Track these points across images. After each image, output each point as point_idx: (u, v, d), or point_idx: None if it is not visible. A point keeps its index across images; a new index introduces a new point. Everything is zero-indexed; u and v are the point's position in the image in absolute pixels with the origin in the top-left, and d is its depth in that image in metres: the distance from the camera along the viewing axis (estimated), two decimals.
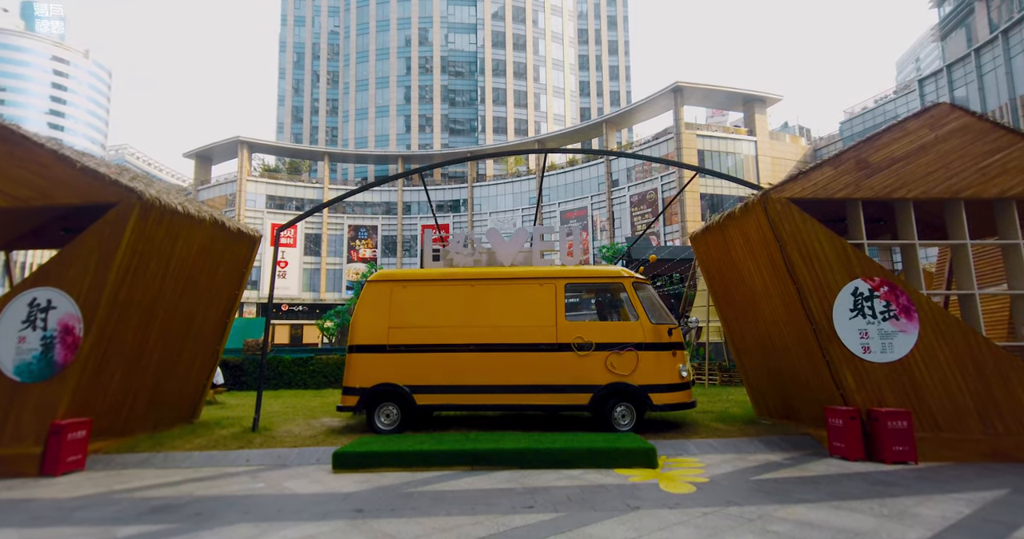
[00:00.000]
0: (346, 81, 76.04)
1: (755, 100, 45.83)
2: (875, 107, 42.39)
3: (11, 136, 6.89)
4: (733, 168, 44.33)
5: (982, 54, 32.00)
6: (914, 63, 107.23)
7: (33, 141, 6.81)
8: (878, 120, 41.48)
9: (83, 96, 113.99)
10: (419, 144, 70.48)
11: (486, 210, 58.35)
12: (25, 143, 6.83)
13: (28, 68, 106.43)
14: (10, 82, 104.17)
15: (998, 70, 30.68)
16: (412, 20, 73.04)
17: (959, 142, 6.90)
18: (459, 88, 72.53)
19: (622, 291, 8.45)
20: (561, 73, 75.91)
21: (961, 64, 33.56)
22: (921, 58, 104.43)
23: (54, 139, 7.60)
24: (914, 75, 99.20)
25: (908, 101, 39.05)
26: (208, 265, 8.30)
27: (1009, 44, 30.08)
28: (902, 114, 39.23)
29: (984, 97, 31.34)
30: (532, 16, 74.68)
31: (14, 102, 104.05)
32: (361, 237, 58.25)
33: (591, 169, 52.48)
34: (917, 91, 36.74)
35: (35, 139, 6.87)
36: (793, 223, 6.93)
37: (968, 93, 32.53)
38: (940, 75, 35.10)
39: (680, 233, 42.93)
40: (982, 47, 32.10)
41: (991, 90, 31.04)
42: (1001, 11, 32.92)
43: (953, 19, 37.99)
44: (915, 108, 36.99)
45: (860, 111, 43.92)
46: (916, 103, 36.93)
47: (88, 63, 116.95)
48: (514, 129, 71.41)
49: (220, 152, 58.17)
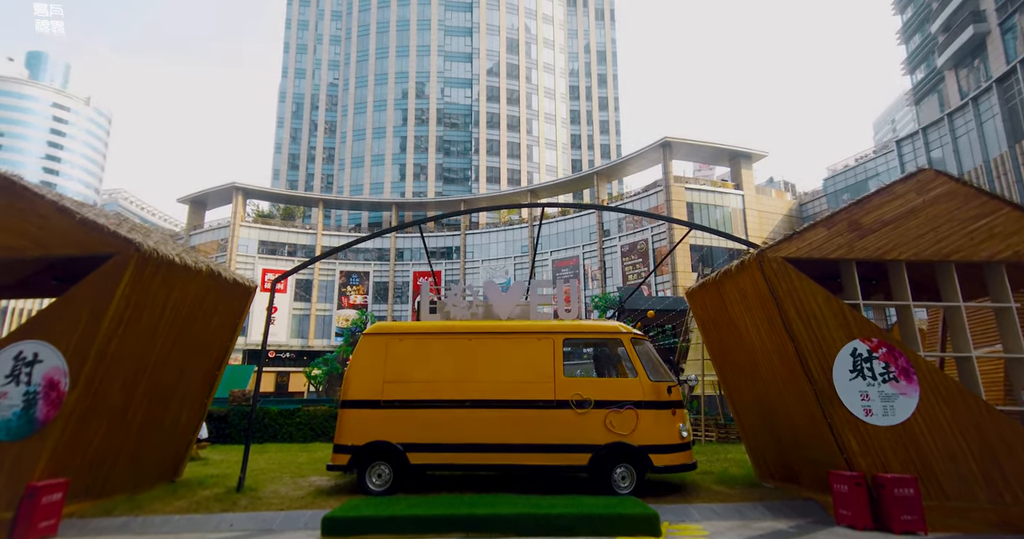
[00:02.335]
0: (343, 130, 77.79)
1: (741, 156, 47.28)
2: (856, 165, 43.85)
3: (11, 187, 6.91)
4: (721, 221, 45.18)
5: (955, 118, 33.49)
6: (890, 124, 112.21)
7: (34, 192, 6.82)
8: (860, 177, 42.82)
9: (80, 141, 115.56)
10: (413, 192, 71.50)
11: (478, 258, 58.63)
12: (25, 194, 6.84)
13: (29, 115, 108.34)
14: (10, 128, 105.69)
15: (971, 134, 32.04)
16: (410, 74, 75.61)
17: (946, 206, 7.11)
18: (454, 139, 74.35)
19: (620, 347, 8.40)
20: (553, 126, 78.26)
21: (936, 127, 35.05)
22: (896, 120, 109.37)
23: (52, 189, 7.63)
24: (891, 136, 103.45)
25: (887, 160, 40.45)
26: (202, 315, 8.19)
27: (979, 110, 31.57)
28: (882, 172, 40.74)
29: (959, 159, 32.57)
30: (526, 73, 77.63)
31: (11, 147, 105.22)
32: (352, 283, 58.06)
33: (583, 219, 53.27)
34: (895, 151, 38.14)
35: (35, 190, 6.88)
36: (789, 282, 7.00)
37: (944, 154, 33.81)
38: (916, 137, 36.56)
39: (671, 284, 43.22)
40: (954, 112, 33.63)
41: (965, 152, 32.31)
42: (969, 79, 34.78)
43: (925, 86, 40.01)
44: (894, 167, 38.55)
45: (842, 168, 45.37)
46: (895, 162, 38.25)
47: (88, 110, 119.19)
48: (507, 178, 72.81)
49: (215, 198, 58.57)
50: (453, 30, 77.17)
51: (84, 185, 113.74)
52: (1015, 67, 29.14)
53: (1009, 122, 29.48)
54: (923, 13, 40.19)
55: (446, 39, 76.89)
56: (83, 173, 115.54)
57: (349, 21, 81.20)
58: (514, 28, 78.19)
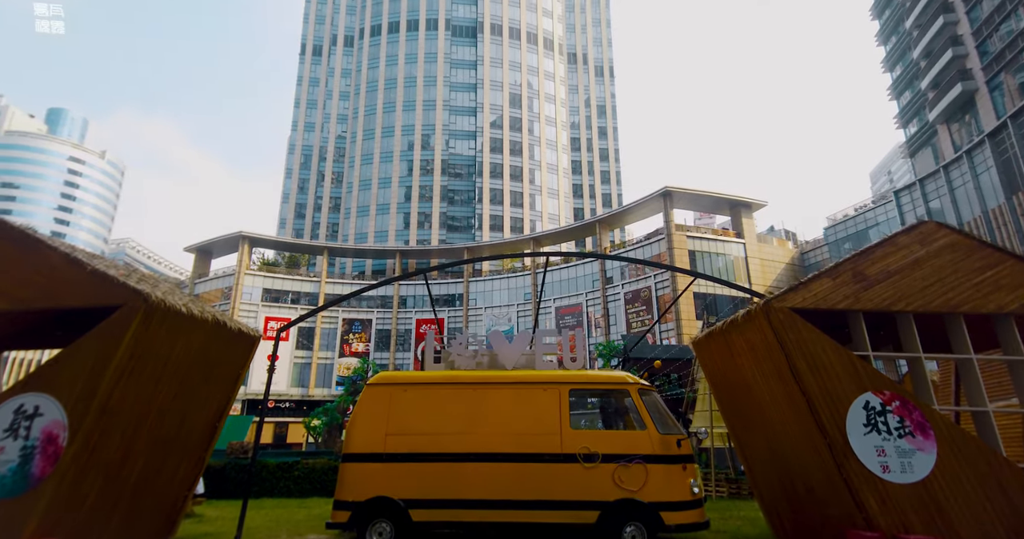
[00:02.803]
0: (350, 180, 79.52)
1: (741, 205, 47.95)
2: (856, 215, 44.39)
3: (25, 239, 7.02)
4: (723, 269, 45.33)
5: (950, 170, 34.15)
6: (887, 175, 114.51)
7: (47, 244, 6.93)
8: (860, 227, 43.26)
9: (92, 193, 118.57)
10: (417, 239, 72.30)
11: (481, 305, 58.56)
12: (38, 246, 6.94)
13: (45, 168, 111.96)
14: (26, 181, 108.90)
15: (967, 185, 32.58)
16: (416, 127, 77.99)
17: (951, 258, 7.14)
18: (458, 188, 75.82)
19: (627, 397, 8.26)
20: (555, 176, 79.92)
21: (932, 179, 35.68)
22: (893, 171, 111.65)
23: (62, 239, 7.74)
24: (888, 186, 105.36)
25: (887, 210, 40.99)
26: (205, 366, 8.12)
27: (974, 163, 32.24)
28: (882, 222, 41.20)
29: (958, 209, 32.97)
30: (528, 126, 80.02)
31: (25, 199, 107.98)
32: (355, 331, 57.78)
33: (585, 266, 53.50)
34: (894, 202, 38.70)
35: (48, 242, 6.98)
36: (797, 333, 6.95)
37: (942, 205, 34.26)
38: (914, 188, 37.18)
39: (675, 332, 42.89)
40: (949, 164, 34.33)
41: (963, 203, 32.75)
42: (962, 133, 35.67)
43: (918, 139, 40.98)
44: (893, 217, 38.97)
45: (842, 218, 45.91)
46: (894, 212, 38.75)
47: (102, 163, 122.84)
48: (510, 227, 73.72)
49: (221, 246, 59.23)
50: (458, 86, 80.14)
51: (93, 235, 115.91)
52: (1006, 122, 29.93)
53: (1004, 174, 30.01)
54: (912, 71, 41.63)
55: (451, 94, 79.74)
56: (92, 223, 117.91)
57: (358, 78, 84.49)
58: (517, 84, 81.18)
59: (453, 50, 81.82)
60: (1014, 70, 30.88)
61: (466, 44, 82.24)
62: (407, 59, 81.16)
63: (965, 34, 34.90)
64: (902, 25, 42.56)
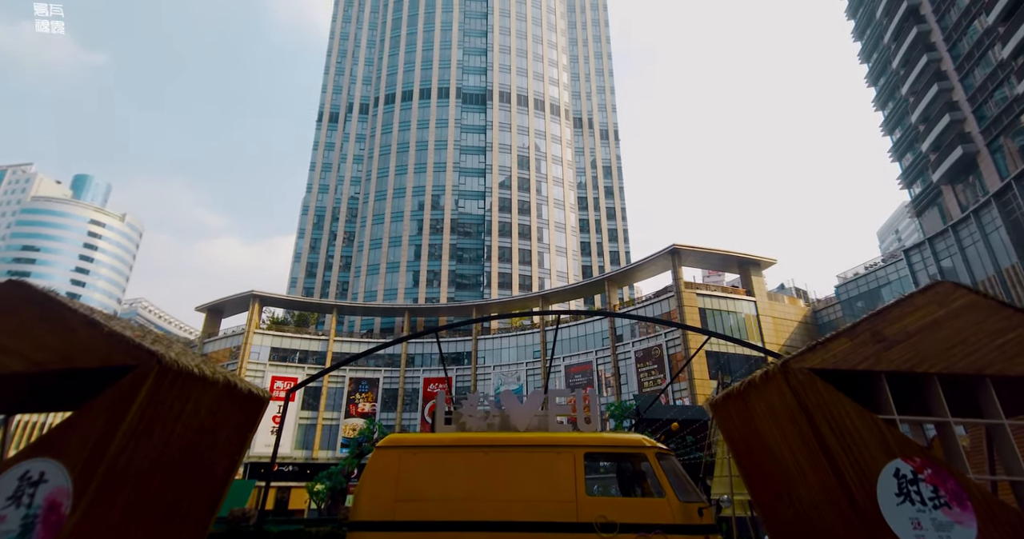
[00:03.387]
0: (361, 240, 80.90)
1: (750, 263, 48.04)
2: (866, 273, 44.25)
3: (45, 301, 7.12)
4: (735, 327, 44.83)
5: (959, 230, 34.20)
6: (894, 234, 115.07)
7: (68, 306, 7.02)
8: (872, 285, 43.01)
9: (110, 254, 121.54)
10: (426, 297, 72.50)
11: (490, 363, 57.84)
12: (59, 308, 7.03)
13: (66, 231, 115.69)
14: (47, 243, 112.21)
15: (978, 244, 32.52)
16: (427, 188, 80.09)
17: (971, 319, 7.03)
18: (467, 247, 76.80)
19: (644, 462, 7.97)
20: (563, 234, 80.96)
21: (942, 238, 35.72)
22: (900, 230, 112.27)
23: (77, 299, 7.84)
24: (897, 245, 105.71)
25: (898, 269, 40.87)
26: (213, 428, 7.97)
27: (982, 222, 32.33)
28: (894, 280, 40.99)
29: (971, 268, 32.78)
30: (536, 186, 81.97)
31: (45, 261, 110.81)
32: (362, 390, 56.92)
33: (595, 324, 53.12)
34: (904, 260, 38.63)
35: (69, 304, 7.08)
36: (818, 395, 6.77)
37: (954, 264, 34.10)
38: (924, 247, 37.19)
39: (689, 392, 41.91)
40: (958, 224, 34.42)
41: (975, 262, 32.58)
42: (967, 193, 35.97)
43: (924, 199, 41.34)
44: (905, 275, 38.79)
45: (852, 276, 45.76)
46: (905, 271, 38.62)
47: (122, 225, 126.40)
48: (519, 284, 73.96)
49: (232, 306, 59.62)
50: (468, 149, 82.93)
51: (107, 295, 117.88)
52: (1010, 183, 30.25)
53: (1014, 233, 30.02)
54: (911, 134, 42.57)
55: (461, 156, 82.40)
56: (107, 284, 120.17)
57: (372, 142, 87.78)
58: (524, 147, 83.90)
59: (464, 116, 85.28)
60: (1012, 134, 31.51)
61: (476, 110, 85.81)
62: (419, 124, 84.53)
63: (961, 100, 35.84)
64: (898, 92, 43.95)
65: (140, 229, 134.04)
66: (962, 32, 35.51)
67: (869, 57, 49.65)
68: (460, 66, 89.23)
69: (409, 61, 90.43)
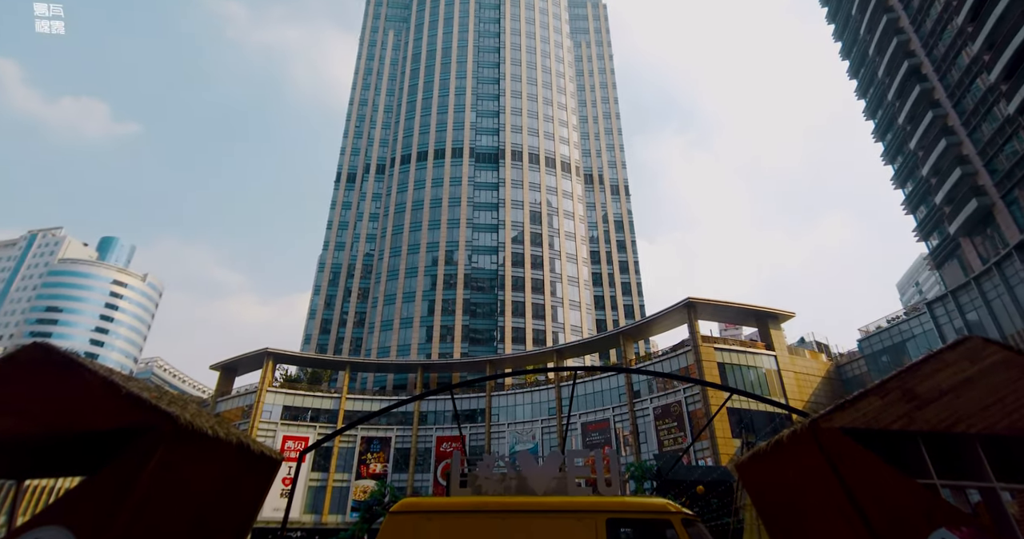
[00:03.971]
0: (375, 295, 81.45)
1: (767, 316, 47.33)
2: (889, 326, 43.24)
3: (66, 363, 7.16)
4: (756, 382, 43.66)
5: (982, 283, 33.49)
6: (915, 287, 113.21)
7: (88, 368, 7.05)
8: (896, 339, 41.90)
9: (130, 314, 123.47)
10: (440, 352, 71.92)
11: (504, 420, 56.46)
12: (78, 369, 7.06)
13: (89, 291, 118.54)
14: (69, 304, 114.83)
15: (1003, 297, 31.73)
16: (440, 244, 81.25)
17: (1006, 377, 6.78)
18: (480, 301, 76.86)
19: (669, 529, 7.55)
20: (576, 288, 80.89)
21: (965, 291, 34.97)
22: (920, 282, 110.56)
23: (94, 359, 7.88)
24: (918, 297, 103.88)
25: (921, 322, 39.82)
26: (225, 490, 7.78)
27: (1005, 275, 31.68)
28: (918, 334, 39.97)
29: (998, 322, 31.86)
30: (548, 240, 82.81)
31: (67, 322, 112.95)
32: (373, 450, 55.58)
33: (611, 380, 52.02)
34: (928, 313, 37.76)
35: (89, 366, 7.11)
36: (851, 457, 6.47)
37: (980, 317, 33.19)
38: (947, 300, 36.39)
39: (711, 451, 40.34)
40: (980, 276, 33.72)
41: (1002, 315, 31.65)
42: (986, 246, 35.46)
43: (942, 251, 40.73)
44: (930, 329, 37.87)
45: (875, 329, 44.73)
46: (929, 324, 37.68)
47: (143, 285, 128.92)
48: (532, 339, 73.27)
49: (246, 363, 59.58)
50: (481, 205, 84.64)
51: (124, 354, 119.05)
52: None
53: None
54: (923, 187, 42.44)
55: (475, 213, 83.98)
56: (126, 343, 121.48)
57: (388, 201, 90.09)
58: (536, 202, 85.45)
59: (477, 174, 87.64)
60: None
61: (489, 168, 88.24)
62: (434, 182, 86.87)
63: (971, 154, 35.85)
64: (906, 146, 44.37)
65: (160, 288, 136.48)
66: (965, 90, 36.10)
67: (874, 113, 50.65)
68: (473, 127, 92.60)
69: (424, 123, 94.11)
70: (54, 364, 7.12)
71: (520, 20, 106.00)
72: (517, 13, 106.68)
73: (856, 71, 53.40)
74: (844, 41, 55.14)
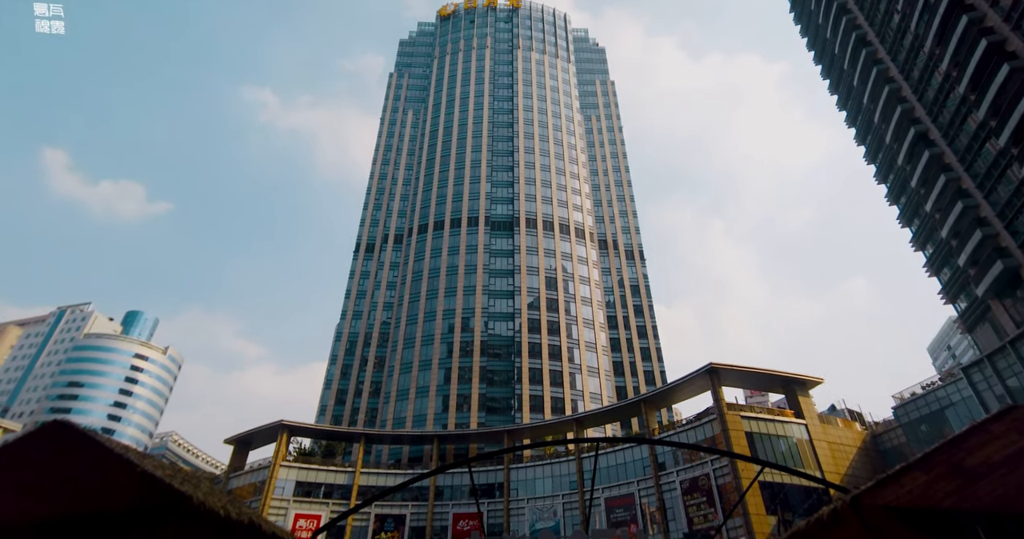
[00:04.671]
0: (391, 364, 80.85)
1: (794, 382, 45.82)
2: (925, 393, 41.45)
3: (84, 441, 7.08)
4: (787, 453, 41.61)
5: (1019, 346, 32.24)
6: (947, 350, 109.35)
7: (105, 446, 6.97)
8: (933, 407, 40.03)
9: (148, 388, 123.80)
10: (456, 422, 70.15)
11: (523, 495, 53.93)
12: (96, 448, 6.98)
13: (110, 366, 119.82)
14: (91, 379, 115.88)
15: None
16: (456, 311, 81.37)
17: None
18: (497, 369, 75.75)
19: None
20: (594, 354, 79.60)
21: (1001, 355, 33.66)
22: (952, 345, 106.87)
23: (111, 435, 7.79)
24: (951, 362, 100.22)
25: (959, 388, 38.08)
26: None
27: None
28: (957, 401, 38.16)
29: None
30: (564, 306, 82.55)
31: (87, 397, 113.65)
32: (387, 529, 53.07)
33: (634, 451, 49.96)
34: (965, 379, 36.24)
35: (106, 443, 7.03)
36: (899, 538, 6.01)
37: (1021, 383, 31.72)
38: (983, 365, 34.98)
39: (745, 529, 37.85)
40: (1015, 340, 32.50)
41: None
42: (1018, 308, 34.34)
43: (972, 314, 39.38)
44: (968, 396, 36.25)
45: (910, 397, 42.90)
46: (968, 390, 36.08)
47: (163, 358, 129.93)
48: (551, 407, 71.36)
49: (260, 437, 58.59)
50: (497, 272, 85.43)
51: (140, 429, 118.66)
52: None
53: None
54: (944, 249, 41.75)
55: (490, 280, 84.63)
56: (142, 418, 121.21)
57: (405, 269, 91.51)
58: (552, 268, 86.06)
59: (492, 241, 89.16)
60: None
61: (504, 235, 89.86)
62: (450, 250, 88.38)
63: (989, 216, 35.20)
64: (922, 209, 44.16)
65: (180, 361, 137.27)
66: (975, 154, 36.02)
67: (885, 177, 51.17)
68: (488, 196, 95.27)
69: (441, 194, 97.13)
70: (72, 443, 7.05)
71: (532, 97, 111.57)
72: (529, 91, 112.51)
73: (863, 137, 54.58)
74: (849, 109, 56.83)
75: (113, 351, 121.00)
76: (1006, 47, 30.96)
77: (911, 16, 40.14)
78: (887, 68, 46.04)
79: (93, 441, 7.08)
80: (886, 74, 46.09)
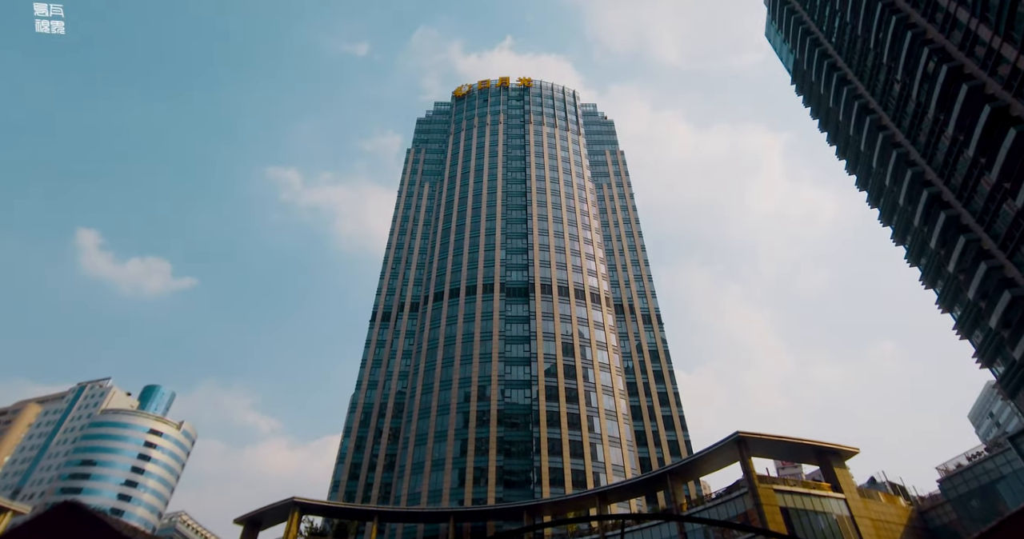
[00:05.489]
0: (406, 436, 78.73)
1: (829, 452, 43.50)
2: (972, 465, 38.97)
3: (93, 523, 6.86)
4: (827, 531, 38.84)
5: None
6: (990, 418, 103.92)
7: (113, 528, 6.72)
8: (983, 480, 37.50)
9: (161, 464, 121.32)
10: (473, 498, 67.04)
11: None
12: (104, 530, 6.73)
13: (125, 442, 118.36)
14: (104, 457, 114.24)
15: None
16: (472, 379, 79.99)
17: None
18: (515, 439, 73.27)
19: None
20: (615, 423, 76.90)
21: None
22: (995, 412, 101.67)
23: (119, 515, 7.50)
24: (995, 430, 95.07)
25: (1008, 460, 35.69)
26: None
27: None
28: (1008, 474, 35.68)
29: None
30: (582, 372, 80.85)
31: (99, 475, 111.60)
32: None
33: (662, 528, 46.95)
34: (1013, 449, 34.16)
35: (115, 526, 6.79)
36: None
37: None
38: None
39: None
40: None
41: None
42: None
43: (1013, 378, 37.66)
44: (1020, 467, 33.91)
45: (955, 468, 40.33)
46: (1019, 461, 33.90)
47: (177, 433, 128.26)
48: (571, 480, 68.16)
49: (271, 515, 56.36)
50: (513, 339, 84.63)
51: (150, 509, 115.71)
52: None
53: None
54: (973, 311, 40.56)
55: (506, 347, 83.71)
56: (152, 497, 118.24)
57: (421, 337, 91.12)
58: (568, 334, 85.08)
59: (507, 308, 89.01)
60: None
61: (519, 302, 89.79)
62: (466, 317, 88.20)
63: (1016, 277, 34.38)
64: (944, 269, 43.37)
65: (193, 436, 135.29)
66: (993, 215, 35.59)
67: (903, 238, 50.84)
68: (503, 264, 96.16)
69: (457, 262, 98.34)
70: (80, 525, 6.81)
71: (544, 167, 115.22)
72: (541, 162, 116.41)
73: (876, 200, 54.85)
74: (858, 174, 57.53)
75: (128, 427, 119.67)
76: (1011, 112, 31.49)
77: (911, 86, 41.30)
78: (893, 134, 46.89)
79: (102, 523, 6.83)
80: (892, 139, 46.88)
